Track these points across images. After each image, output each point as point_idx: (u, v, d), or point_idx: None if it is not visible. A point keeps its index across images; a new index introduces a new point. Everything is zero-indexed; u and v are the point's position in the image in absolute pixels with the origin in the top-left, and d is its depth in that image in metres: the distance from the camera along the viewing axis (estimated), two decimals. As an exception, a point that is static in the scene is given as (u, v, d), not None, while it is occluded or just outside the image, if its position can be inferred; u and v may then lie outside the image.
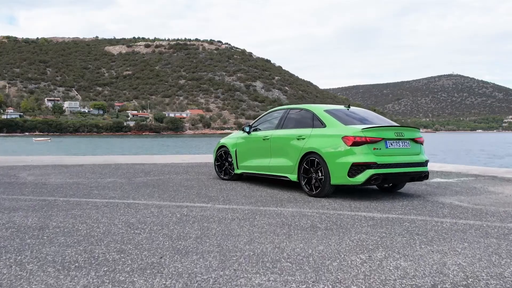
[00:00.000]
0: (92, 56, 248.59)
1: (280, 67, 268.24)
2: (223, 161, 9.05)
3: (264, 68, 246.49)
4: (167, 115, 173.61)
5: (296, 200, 6.48)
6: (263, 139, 7.99)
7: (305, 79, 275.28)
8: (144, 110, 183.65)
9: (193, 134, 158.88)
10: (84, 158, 13.91)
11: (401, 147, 6.72)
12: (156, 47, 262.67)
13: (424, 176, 6.93)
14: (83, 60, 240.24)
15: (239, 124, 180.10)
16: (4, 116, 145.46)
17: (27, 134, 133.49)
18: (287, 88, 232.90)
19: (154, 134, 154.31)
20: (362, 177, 6.36)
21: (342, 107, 7.70)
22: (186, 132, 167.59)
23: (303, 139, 7.11)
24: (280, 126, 7.86)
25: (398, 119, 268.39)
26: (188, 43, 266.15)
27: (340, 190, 7.34)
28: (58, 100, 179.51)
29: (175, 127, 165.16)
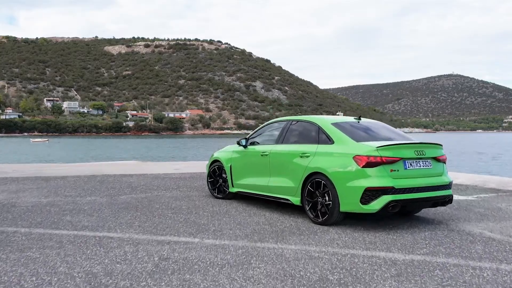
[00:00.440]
0: (92, 56, 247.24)
1: (280, 67, 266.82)
2: (217, 177, 8.04)
3: (264, 68, 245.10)
4: (166, 115, 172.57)
5: (299, 231, 5.51)
6: (261, 155, 6.98)
7: (305, 79, 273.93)
8: (144, 110, 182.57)
9: (192, 135, 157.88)
10: (69, 169, 12.92)
11: (422, 167, 5.72)
12: (156, 47, 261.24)
13: (449, 200, 5.92)
14: (82, 60, 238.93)
15: (239, 124, 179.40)
16: (3, 116, 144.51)
17: (26, 134, 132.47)
18: (287, 88, 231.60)
19: (154, 134, 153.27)
20: (377, 204, 5.39)
21: (351, 119, 6.63)
22: (186, 132, 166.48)
23: (307, 156, 6.12)
24: (280, 140, 6.84)
25: (398, 119, 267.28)
26: (188, 43, 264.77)
27: (349, 215, 6.36)
28: (57, 100, 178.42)
29: (174, 127, 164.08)
